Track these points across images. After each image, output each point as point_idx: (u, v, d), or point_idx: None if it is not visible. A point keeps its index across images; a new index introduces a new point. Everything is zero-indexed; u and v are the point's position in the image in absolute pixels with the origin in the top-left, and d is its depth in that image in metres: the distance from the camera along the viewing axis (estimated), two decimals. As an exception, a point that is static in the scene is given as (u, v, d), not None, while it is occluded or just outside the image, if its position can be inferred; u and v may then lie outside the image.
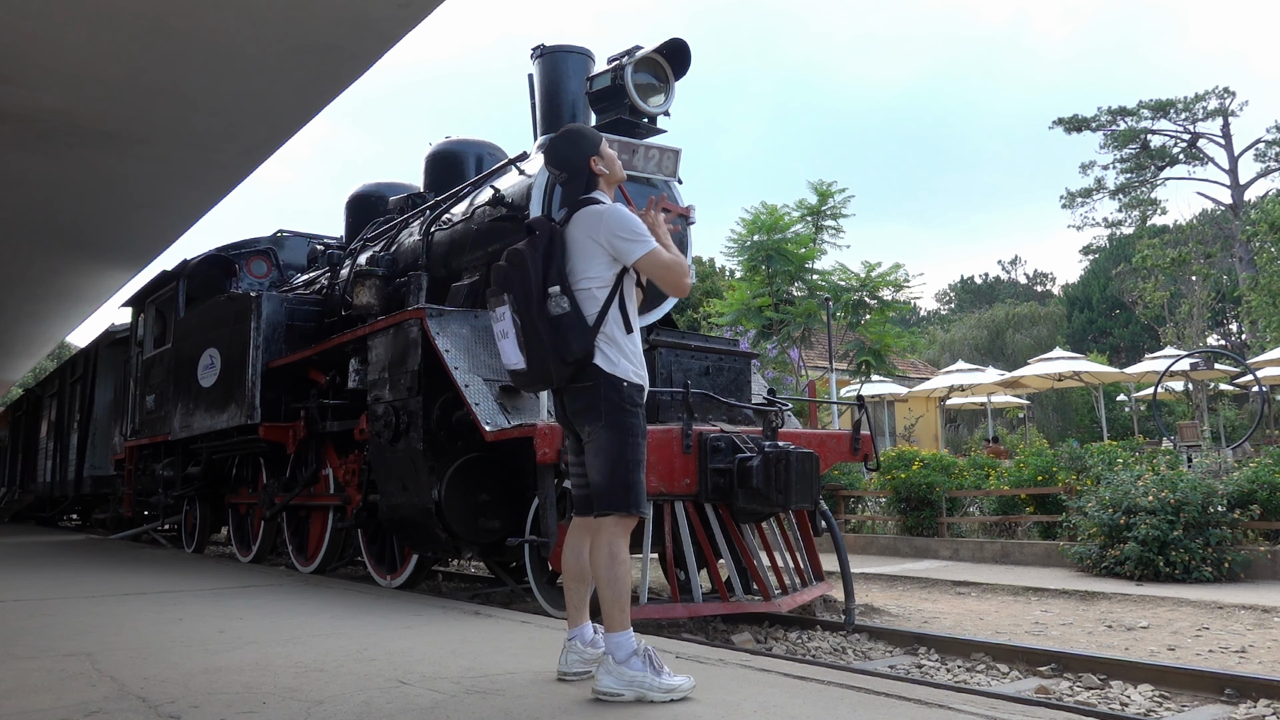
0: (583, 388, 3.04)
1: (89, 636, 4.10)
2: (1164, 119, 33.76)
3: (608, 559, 2.94)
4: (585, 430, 3.07)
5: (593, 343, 3.02)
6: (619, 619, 2.93)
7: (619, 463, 2.98)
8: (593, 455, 3.03)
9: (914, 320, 45.84)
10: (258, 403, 7.53)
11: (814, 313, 14.81)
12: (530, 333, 3.02)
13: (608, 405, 3.01)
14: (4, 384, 26.92)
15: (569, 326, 2.99)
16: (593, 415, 3.02)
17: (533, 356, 3.03)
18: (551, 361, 3.00)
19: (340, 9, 6.67)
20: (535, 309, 3.02)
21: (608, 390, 3.02)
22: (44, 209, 10.93)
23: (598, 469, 3.01)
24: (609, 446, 2.99)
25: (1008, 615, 6.67)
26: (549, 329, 3.00)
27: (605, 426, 3.00)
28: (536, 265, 3.06)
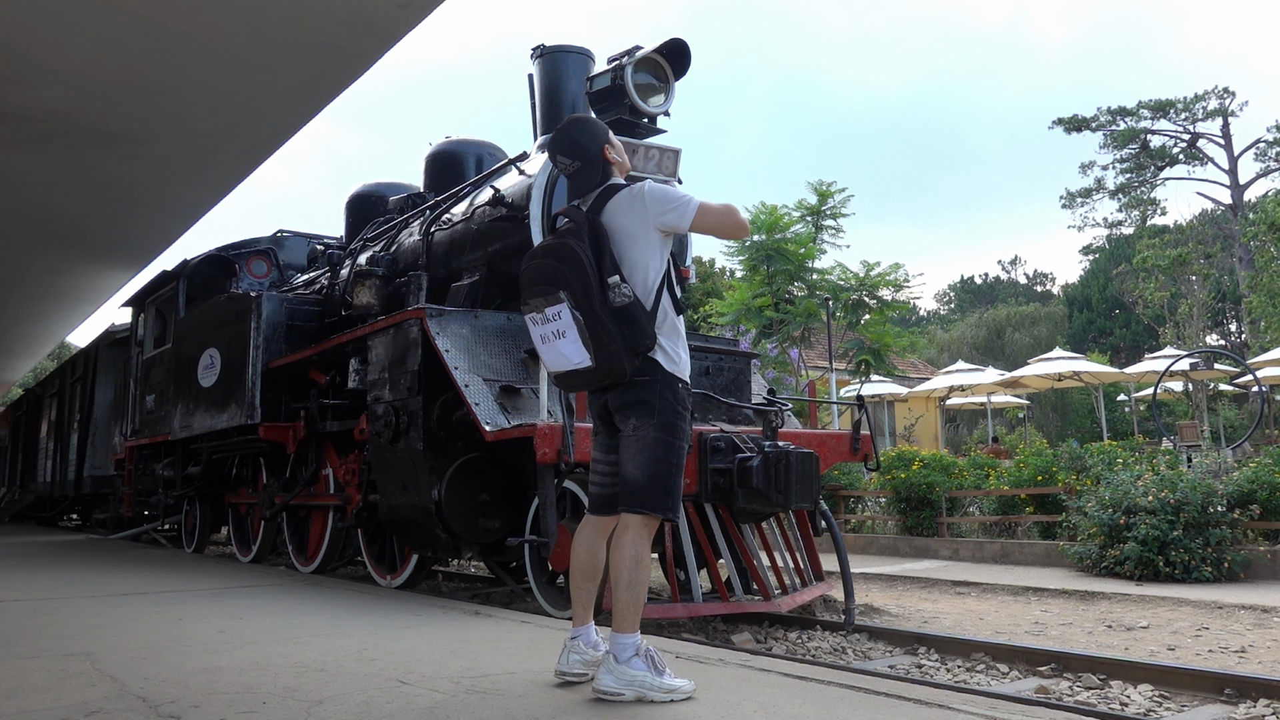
0: (639, 382, 2.91)
1: (89, 636, 4.10)
2: (1164, 119, 33.76)
3: (632, 561, 2.85)
4: (631, 424, 2.93)
5: (654, 327, 2.90)
6: (631, 621, 2.86)
7: (664, 464, 2.88)
8: (636, 451, 2.91)
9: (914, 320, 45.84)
10: (258, 403, 7.53)
11: (814, 312, 14.81)
12: (596, 327, 2.84)
13: (663, 404, 2.91)
14: (4, 384, 26.92)
15: (635, 315, 2.86)
16: (644, 411, 2.90)
17: (603, 350, 2.84)
18: (624, 354, 2.85)
19: (340, 9, 6.67)
20: (598, 301, 2.85)
21: (664, 389, 2.91)
22: (44, 209, 10.93)
23: (639, 465, 2.89)
24: (656, 447, 2.89)
25: (1008, 615, 6.67)
26: (616, 321, 2.84)
27: (657, 426, 2.89)
28: (589, 256, 2.89)
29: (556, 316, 2.91)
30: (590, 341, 2.85)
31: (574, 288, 2.87)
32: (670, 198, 2.95)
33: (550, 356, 3.00)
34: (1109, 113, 34.23)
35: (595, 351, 2.85)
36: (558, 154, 3.13)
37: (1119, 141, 34.57)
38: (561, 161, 3.13)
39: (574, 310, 2.86)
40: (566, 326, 2.89)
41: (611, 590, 2.90)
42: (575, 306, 2.86)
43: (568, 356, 2.92)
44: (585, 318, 2.84)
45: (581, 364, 2.89)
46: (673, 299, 3.01)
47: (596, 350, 2.85)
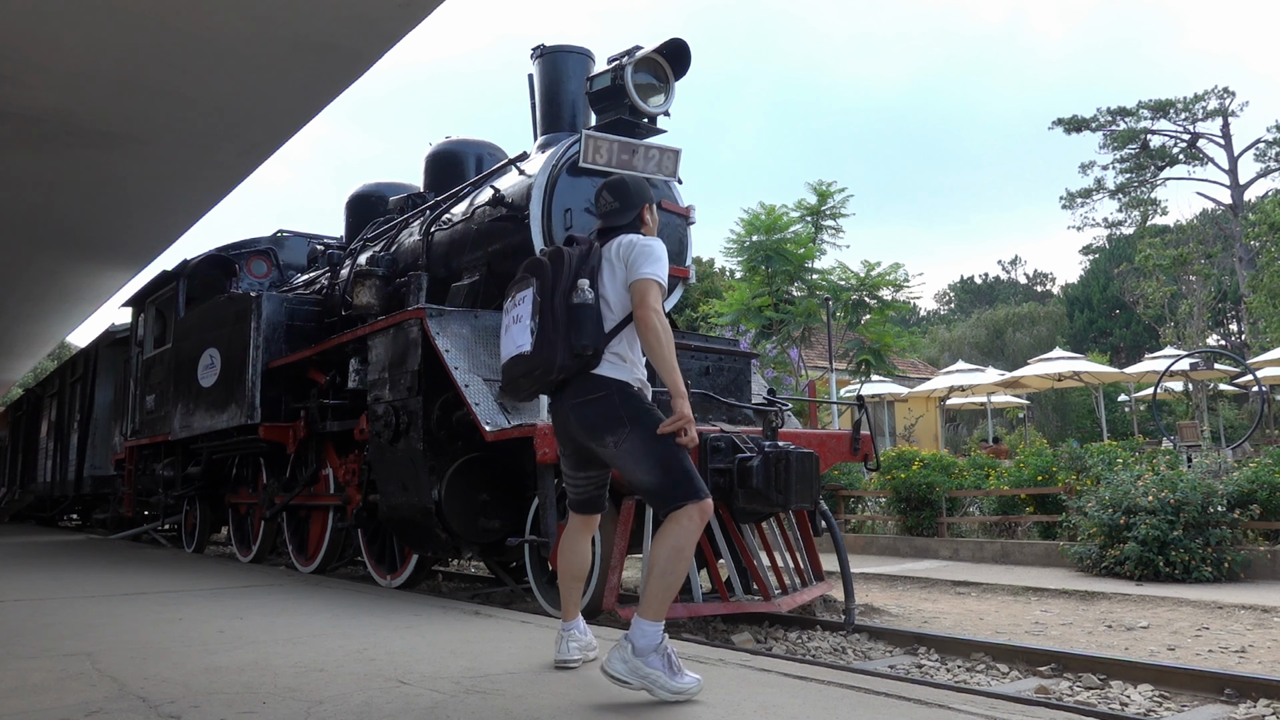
0: (592, 400, 2.97)
1: (89, 636, 4.10)
2: (1164, 119, 33.76)
3: (671, 551, 2.83)
4: (608, 441, 2.96)
5: (602, 348, 2.97)
6: (657, 609, 2.85)
7: (666, 455, 2.88)
8: (632, 462, 2.93)
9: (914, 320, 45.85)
10: (258, 403, 7.54)
11: (814, 313, 14.82)
12: (547, 315, 2.95)
13: (627, 408, 2.95)
14: (4, 384, 26.92)
15: (586, 318, 2.94)
16: (614, 423, 2.94)
17: (543, 339, 2.94)
18: (560, 348, 2.92)
19: (340, 9, 6.68)
20: (558, 295, 2.97)
21: (620, 396, 2.97)
22: (44, 209, 10.94)
23: (645, 471, 2.90)
24: (648, 444, 2.90)
25: (1008, 615, 6.67)
26: (566, 315, 2.94)
27: (634, 429, 2.91)
28: (572, 261, 3.03)
29: (520, 301, 3.06)
30: (536, 328, 2.96)
31: (545, 278, 3.02)
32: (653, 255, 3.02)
33: (504, 344, 3.09)
34: (1109, 113, 34.23)
35: (536, 338, 2.95)
36: (605, 191, 3.28)
37: (1119, 141, 34.57)
38: (605, 198, 3.27)
39: (536, 295, 3.00)
40: (524, 311, 3.02)
41: (646, 575, 2.87)
42: (538, 292, 3.00)
43: (514, 340, 3.02)
44: (540, 304, 2.98)
45: (522, 349, 2.98)
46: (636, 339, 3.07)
47: (538, 337, 2.95)
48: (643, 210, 3.25)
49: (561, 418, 3.10)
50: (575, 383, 3.01)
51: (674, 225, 6.45)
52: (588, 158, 5.82)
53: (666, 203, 6.39)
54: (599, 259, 3.09)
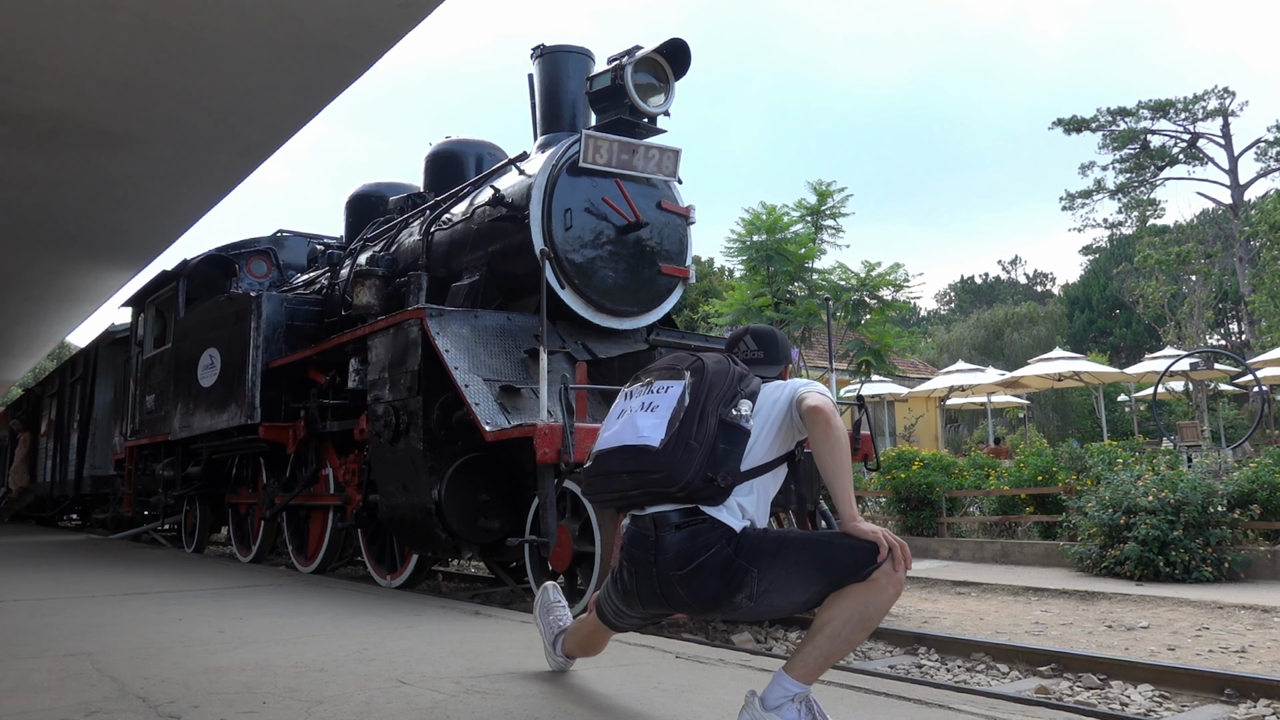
0: (704, 562, 2.39)
1: (89, 636, 4.10)
2: (1164, 119, 33.75)
3: (858, 620, 2.33)
4: (740, 600, 2.42)
5: (740, 480, 2.43)
6: (811, 671, 2.35)
7: (813, 558, 2.38)
8: (784, 598, 2.43)
9: (914, 320, 45.84)
10: (258, 402, 7.54)
11: (814, 313, 14.82)
12: (693, 420, 2.41)
13: (741, 551, 2.39)
14: (4, 384, 26.92)
15: (738, 442, 2.42)
16: (739, 577, 2.38)
17: (680, 440, 2.38)
18: (696, 463, 2.36)
19: (340, 9, 6.68)
20: (715, 404, 2.44)
21: (730, 543, 2.40)
22: (44, 209, 10.94)
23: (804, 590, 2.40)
24: (785, 566, 2.39)
25: (1008, 615, 6.67)
26: (719, 429, 2.41)
27: (762, 567, 2.39)
28: (734, 377, 2.52)
29: (662, 391, 2.52)
30: (676, 425, 2.42)
31: (703, 378, 2.49)
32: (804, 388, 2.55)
33: (615, 429, 2.56)
34: (1109, 113, 34.22)
35: (671, 436, 2.40)
36: (750, 337, 2.83)
37: (1119, 142, 34.56)
38: (749, 345, 2.80)
39: (686, 391, 2.47)
40: (664, 403, 2.49)
41: (814, 630, 2.37)
42: (690, 389, 2.47)
43: (638, 428, 2.47)
44: (691, 404, 2.44)
45: (647, 440, 2.42)
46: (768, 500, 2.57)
47: (674, 436, 2.40)
48: (785, 370, 2.79)
49: (662, 584, 2.46)
50: (677, 538, 2.43)
51: (674, 225, 6.45)
52: (588, 157, 5.82)
53: (666, 203, 6.40)
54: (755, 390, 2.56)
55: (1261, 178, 32.81)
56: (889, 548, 2.32)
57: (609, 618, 2.79)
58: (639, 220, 6.07)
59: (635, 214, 6.05)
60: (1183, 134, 33.72)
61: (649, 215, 6.19)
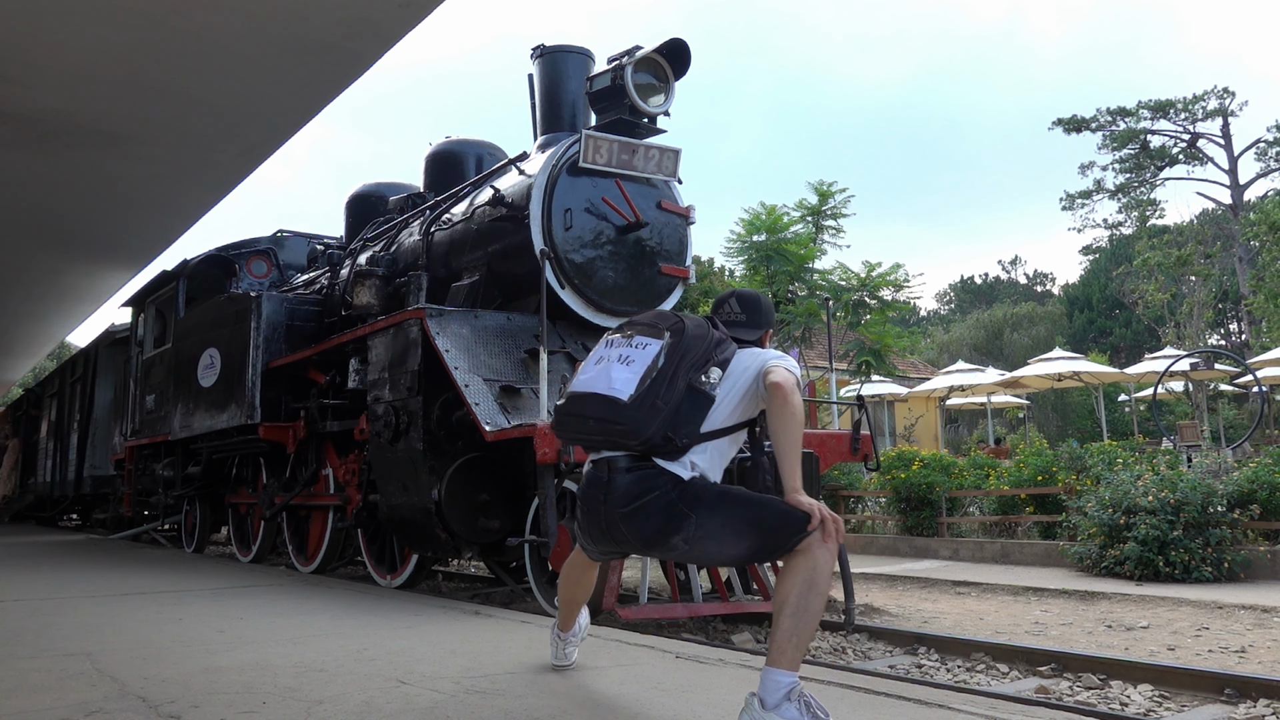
0: (647, 503, 2.55)
1: (89, 636, 4.10)
2: (1163, 119, 33.74)
3: (803, 585, 2.42)
4: (676, 542, 2.57)
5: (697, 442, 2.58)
6: (790, 656, 2.40)
7: (749, 513, 2.52)
8: (717, 545, 2.57)
9: (914, 320, 45.84)
10: (258, 402, 7.54)
11: (814, 313, 14.82)
12: (665, 380, 2.53)
13: (684, 496, 2.53)
14: (4, 384, 26.93)
15: (701, 407, 2.56)
16: (677, 520, 2.53)
17: (647, 399, 2.50)
18: (658, 421, 2.49)
19: (340, 9, 6.68)
20: (688, 367, 2.56)
21: (675, 489, 2.54)
22: (44, 209, 10.94)
23: (735, 543, 2.55)
24: (724, 517, 2.53)
25: (1008, 615, 6.67)
26: (687, 392, 2.54)
27: (700, 513, 2.53)
28: (711, 343, 2.64)
29: (641, 347, 2.63)
30: (647, 383, 2.53)
31: (682, 340, 2.61)
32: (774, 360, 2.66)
33: (591, 374, 2.67)
34: (1109, 113, 34.21)
35: (641, 393, 2.52)
36: (734, 299, 2.92)
37: (1119, 142, 34.55)
38: (732, 307, 2.89)
39: (662, 352, 2.58)
40: (641, 358, 2.59)
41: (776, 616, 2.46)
42: (666, 350, 2.58)
43: (611, 379, 2.59)
44: (664, 365, 2.55)
45: (617, 394, 2.54)
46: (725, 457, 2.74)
47: (643, 393, 2.52)
48: (765, 335, 2.90)
49: (607, 521, 2.64)
50: (625, 480, 2.58)
51: (674, 225, 6.46)
52: (588, 157, 5.82)
53: (666, 203, 6.40)
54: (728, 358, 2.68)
55: (1261, 178, 32.84)
56: (821, 519, 2.45)
57: (582, 544, 2.93)
58: (639, 220, 6.07)
59: (635, 214, 6.05)
60: (1182, 134, 33.71)
61: (649, 215, 6.19)
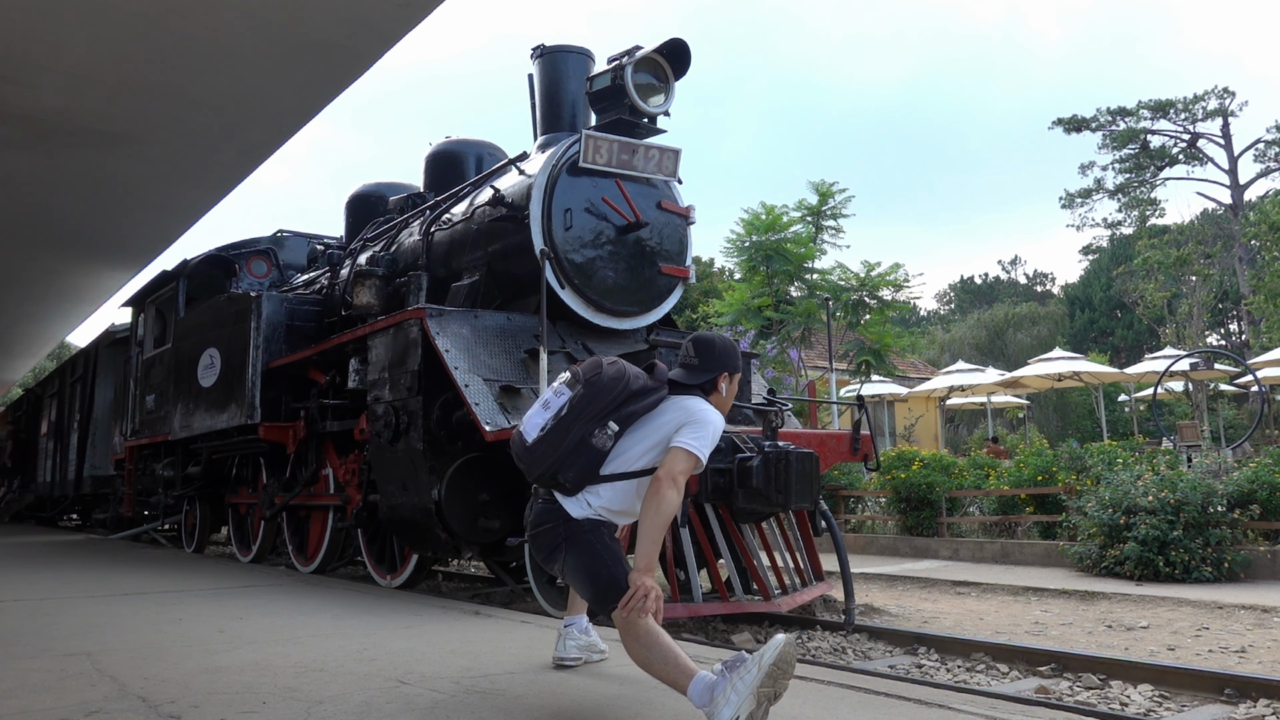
0: (541, 531, 2.96)
1: (89, 636, 4.10)
2: (1163, 119, 33.73)
3: (633, 649, 2.71)
4: (556, 568, 2.98)
5: (582, 487, 2.91)
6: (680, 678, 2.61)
7: (590, 573, 2.84)
8: (575, 580, 2.94)
9: (914, 320, 45.85)
10: (258, 403, 7.53)
11: (814, 313, 14.83)
12: (560, 430, 2.90)
13: (567, 534, 2.90)
14: (4, 384, 26.93)
15: (586, 459, 2.89)
16: (556, 550, 2.92)
17: (542, 445, 2.92)
18: (548, 464, 2.90)
19: (340, 9, 6.68)
20: (583, 420, 2.89)
21: (564, 527, 2.91)
22: (44, 209, 10.94)
23: (582, 586, 2.90)
24: (579, 560, 2.88)
25: (1008, 615, 6.67)
26: (576, 445, 2.88)
27: (568, 552, 2.90)
28: (623, 393, 2.91)
29: (559, 395, 2.98)
30: (548, 429, 2.92)
31: (591, 393, 2.91)
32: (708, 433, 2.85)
33: (528, 414, 3.07)
34: (1109, 113, 34.20)
35: (537, 439, 2.93)
36: (691, 342, 3.11)
37: (1119, 141, 34.54)
38: (687, 350, 3.09)
39: (567, 403, 2.93)
40: (554, 405, 2.95)
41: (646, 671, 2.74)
42: (571, 401, 2.93)
43: (533, 420, 2.99)
44: (564, 417, 2.91)
45: (527, 434, 2.97)
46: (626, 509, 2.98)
47: (537, 440, 2.93)
48: (719, 378, 3.04)
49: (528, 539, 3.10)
50: (537, 508, 3.00)
51: (674, 225, 6.46)
52: (588, 158, 5.82)
53: (666, 203, 6.40)
54: (653, 406, 2.96)
55: (1261, 178, 32.84)
56: (633, 595, 2.69)
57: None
58: (639, 220, 6.07)
59: (635, 214, 6.05)
60: (1182, 134, 33.70)
61: (649, 215, 6.19)
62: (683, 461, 2.79)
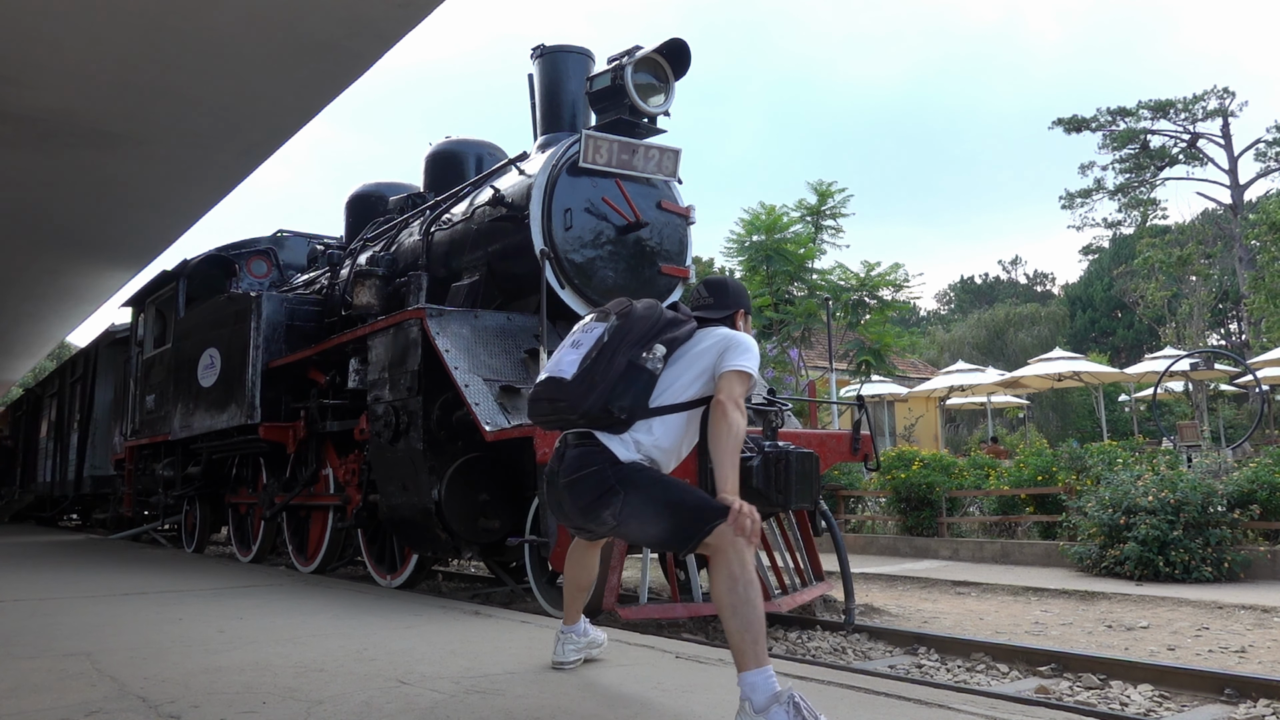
0: (584, 475, 2.70)
1: (89, 636, 4.10)
2: (1164, 119, 33.74)
3: (729, 582, 2.49)
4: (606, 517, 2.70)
5: (637, 418, 2.72)
6: (751, 655, 2.45)
7: (669, 496, 2.63)
8: (638, 524, 2.68)
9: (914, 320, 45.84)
10: (258, 402, 7.54)
11: (814, 313, 14.83)
12: (604, 359, 2.72)
13: (618, 474, 2.68)
14: (4, 384, 26.92)
15: (639, 381, 2.72)
16: (607, 495, 2.67)
17: (584, 376, 2.71)
18: (596, 395, 2.68)
19: (340, 9, 6.68)
20: (627, 345, 2.75)
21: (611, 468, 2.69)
22: (44, 209, 10.94)
23: (653, 523, 2.65)
24: (646, 496, 2.65)
25: (1008, 615, 6.67)
26: (624, 369, 2.72)
27: (628, 492, 2.66)
28: (660, 322, 2.82)
29: (589, 330, 2.84)
30: (588, 362, 2.74)
31: (625, 321, 2.80)
32: (732, 355, 2.76)
33: (552, 360, 2.88)
34: (1109, 113, 34.21)
35: (580, 371, 2.73)
36: (701, 286, 3.07)
37: (1119, 142, 34.56)
38: (700, 293, 3.06)
39: (606, 332, 2.79)
40: (587, 340, 2.80)
41: (723, 624, 2.53)
42: (609, 330, 2.79)
43: (560, 362, 2.80)
44: (606, 344, 2.76)
45: (562, 374, 2.76)
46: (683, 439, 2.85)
47: (583, 372, 2.73)
48: (736, 315, 3.01)
49: (556, 495, 2.83)
50: (573, 454, 2.77)
51: (674, 225, 6.46)
52: (588, 158, 5.82)
53: (666, 203, 6.40)
54: (689, 336, 2.86)
55: (1261, 178, 32.84)
56: (739, 512, 2.51)
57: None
58: (639, 220, 6.07)
59: (635, 214, 6.05)
60: (1182, 134, 33.71)
61: (649, 215, 6.19)
62: (739, 384, 2.69)
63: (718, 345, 2.79)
